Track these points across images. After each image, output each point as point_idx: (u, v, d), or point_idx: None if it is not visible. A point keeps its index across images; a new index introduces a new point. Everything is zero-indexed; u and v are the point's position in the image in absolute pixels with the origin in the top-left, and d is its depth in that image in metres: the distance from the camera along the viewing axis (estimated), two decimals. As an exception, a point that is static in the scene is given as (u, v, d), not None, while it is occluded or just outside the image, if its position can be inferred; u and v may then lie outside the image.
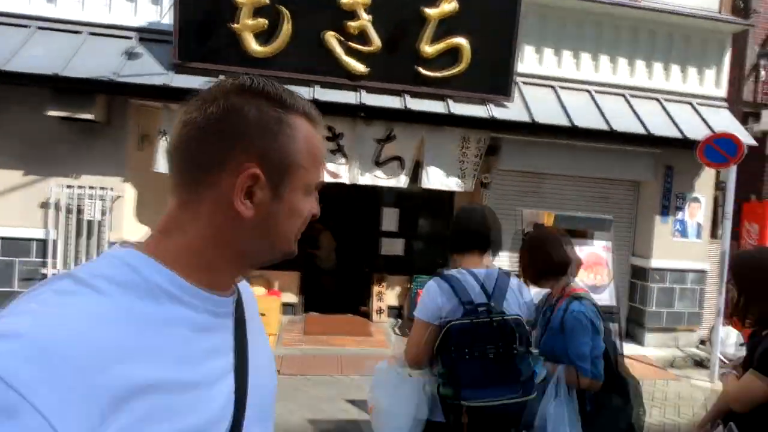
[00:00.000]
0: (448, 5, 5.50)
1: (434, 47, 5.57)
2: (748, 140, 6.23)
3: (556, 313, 2.22)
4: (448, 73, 5.66)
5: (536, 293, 2.49)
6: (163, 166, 5.15)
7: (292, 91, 0.71)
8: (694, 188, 6.76)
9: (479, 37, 5.63)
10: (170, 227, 0.68)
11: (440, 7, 5.50)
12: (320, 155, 0.75)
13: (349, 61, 5.45)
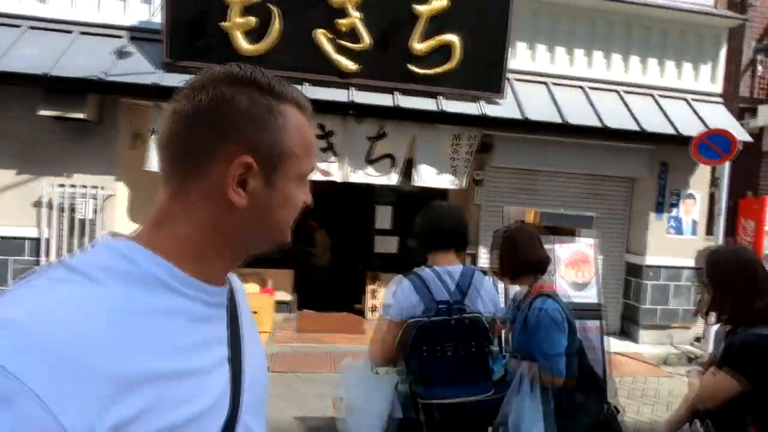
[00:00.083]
0: (438, 2, 5.47)
1: (425, 44, 5.56)
2: (743, 136, 6.18)
3: (524, 310, 2.22)
4: (439, 70, 5.64)
5: (519, 291, 2.49)
6: (155, 164, 5.16)
7: (281, 79, 0.71)
8: (689, 185, 6.72)
9: (471, 33, 5.61)
10: (162, 218, 0.68)
11: (431, 3, 5.47)
12: (311, 144, 0.74)
13: (339, 59, 5.44)
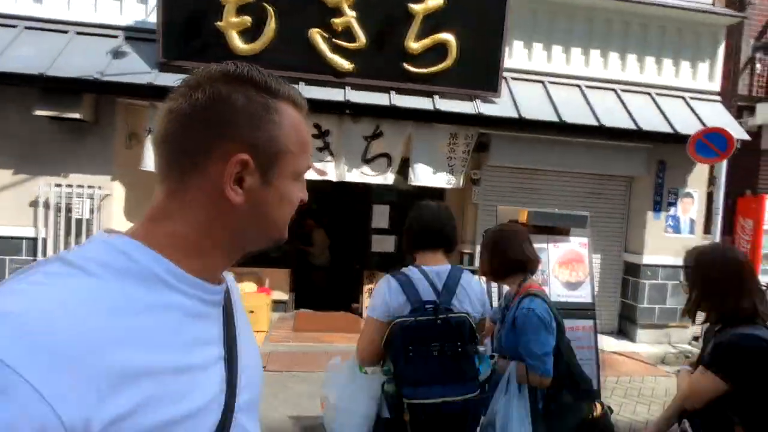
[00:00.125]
0: (434, 0, 5.46)
1: (420, 43, 5.55)
2: (740, 135, 6.15)
3: (512, 310, 2.22)
4: (434, 69, 5.64)
5: (509, 291, 2.48)
6: (151, 164, 5.18)
7: (277, 77, 0.71)
8: (687, 183, 6.69)
9: (466, 32, 5.60)
10: (159, 215, 0.68)
11: (426, 2, 5.46)
12: (307, 141, 0.75)
13: (334, 58, 5.44)
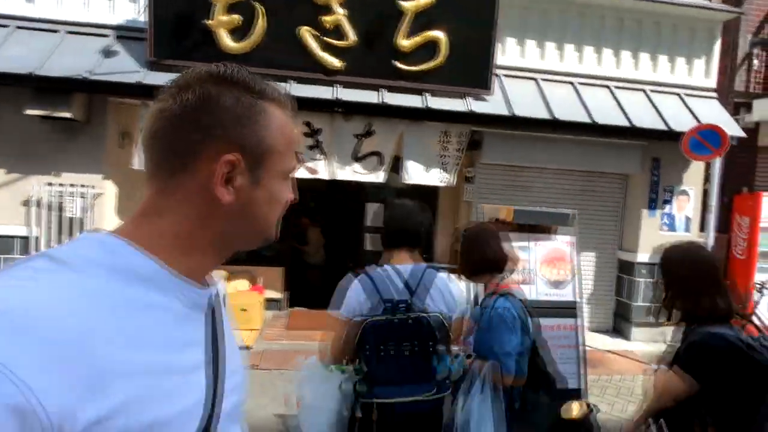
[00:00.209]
0: (424, -2, 5.45)
1: (411, 41, 5.53)
2: (735, 131, 6.10)
3: (486, 309, 2.20)
4: (425, 66, 5.61)
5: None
6: (142, 163, 5.18)
7: (263, 78, 0.72)
8: (682, 181, 6.64)
9: (457, 29, 5.57)
10: (147, 214, 0.68)
11: None
12: (295, 141, 0.75)
13: (324, 56, 5.43)
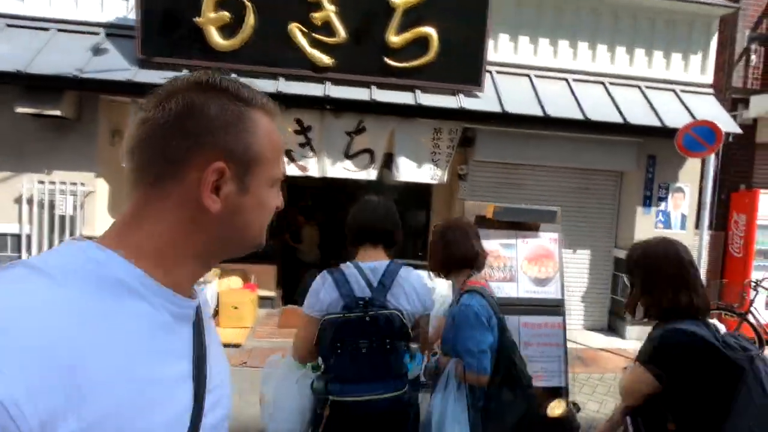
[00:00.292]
0: (414, -6, 5.40)
1: (401, 37, 5.49)
2: (731, 128, 6.02)
3: (453, 307, 2.18)
4: (416, 63, 5.57)
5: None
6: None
7: (248, 85, 0.72)
8: (678, 178, 6.57)
9: (448, 25, 5.53)
10: (131, 223, 0.67)
11: (407, -5, 5.41)
12: (281, 148, 0.76)
13: (314, 53, 5.40)
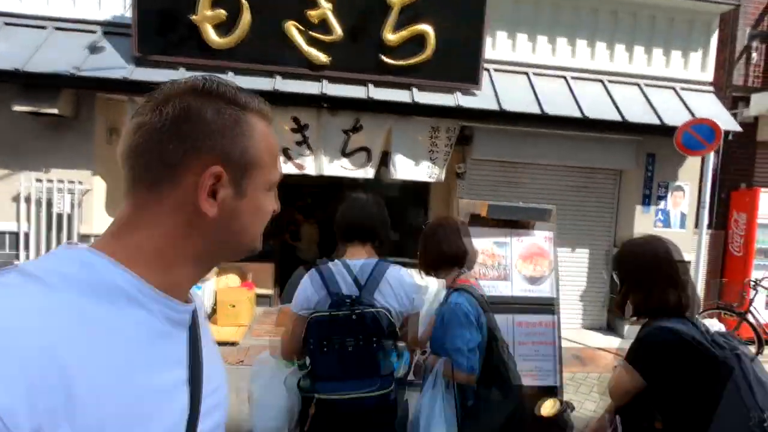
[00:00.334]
0: (411, -9, 5.38)
1: (398, 35, 5.47)
2: (732, 126, 5.98)
3: (441, 305, 2.16)
4: (413, 61, 5.55)
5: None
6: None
7: (244, 89, 0.72)
8: (677, 176, 6.53)
9: (445, 23, 5.50)
10: (127, 228, 0.66)
11: (404, -7, 5.38)
12: (277, 152, 0.76)
13: (310, 50, 5.39)
